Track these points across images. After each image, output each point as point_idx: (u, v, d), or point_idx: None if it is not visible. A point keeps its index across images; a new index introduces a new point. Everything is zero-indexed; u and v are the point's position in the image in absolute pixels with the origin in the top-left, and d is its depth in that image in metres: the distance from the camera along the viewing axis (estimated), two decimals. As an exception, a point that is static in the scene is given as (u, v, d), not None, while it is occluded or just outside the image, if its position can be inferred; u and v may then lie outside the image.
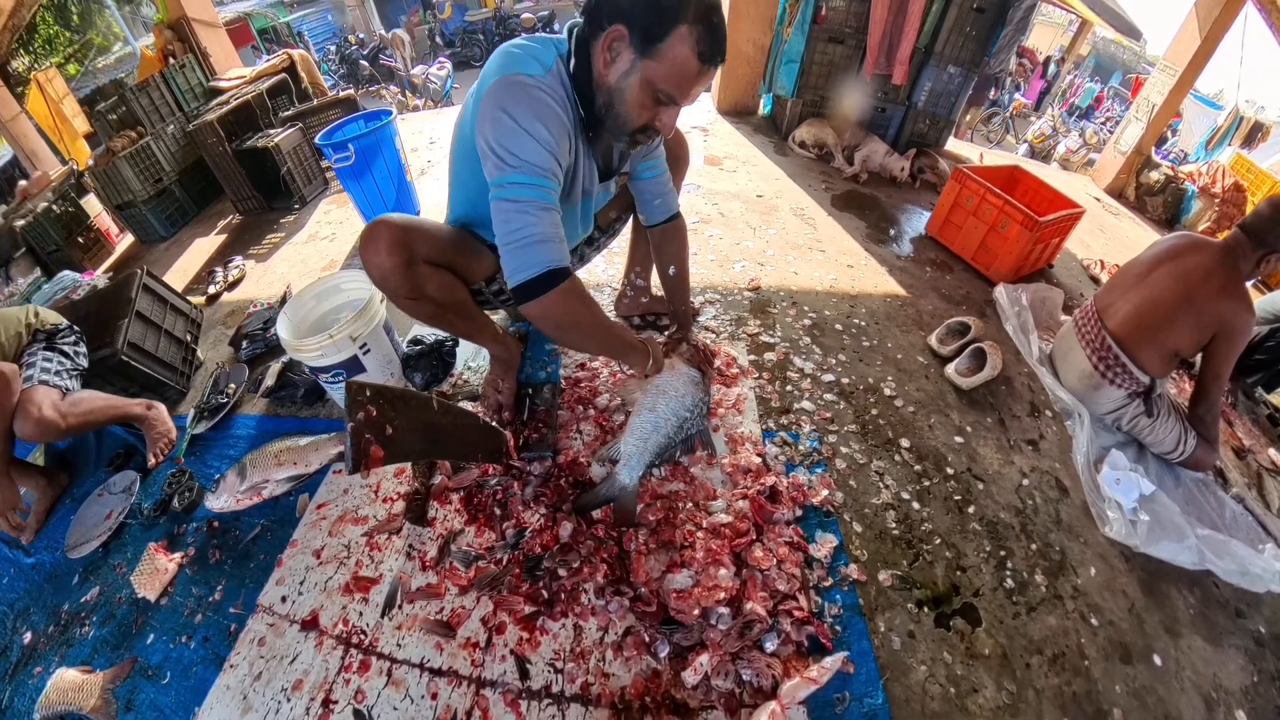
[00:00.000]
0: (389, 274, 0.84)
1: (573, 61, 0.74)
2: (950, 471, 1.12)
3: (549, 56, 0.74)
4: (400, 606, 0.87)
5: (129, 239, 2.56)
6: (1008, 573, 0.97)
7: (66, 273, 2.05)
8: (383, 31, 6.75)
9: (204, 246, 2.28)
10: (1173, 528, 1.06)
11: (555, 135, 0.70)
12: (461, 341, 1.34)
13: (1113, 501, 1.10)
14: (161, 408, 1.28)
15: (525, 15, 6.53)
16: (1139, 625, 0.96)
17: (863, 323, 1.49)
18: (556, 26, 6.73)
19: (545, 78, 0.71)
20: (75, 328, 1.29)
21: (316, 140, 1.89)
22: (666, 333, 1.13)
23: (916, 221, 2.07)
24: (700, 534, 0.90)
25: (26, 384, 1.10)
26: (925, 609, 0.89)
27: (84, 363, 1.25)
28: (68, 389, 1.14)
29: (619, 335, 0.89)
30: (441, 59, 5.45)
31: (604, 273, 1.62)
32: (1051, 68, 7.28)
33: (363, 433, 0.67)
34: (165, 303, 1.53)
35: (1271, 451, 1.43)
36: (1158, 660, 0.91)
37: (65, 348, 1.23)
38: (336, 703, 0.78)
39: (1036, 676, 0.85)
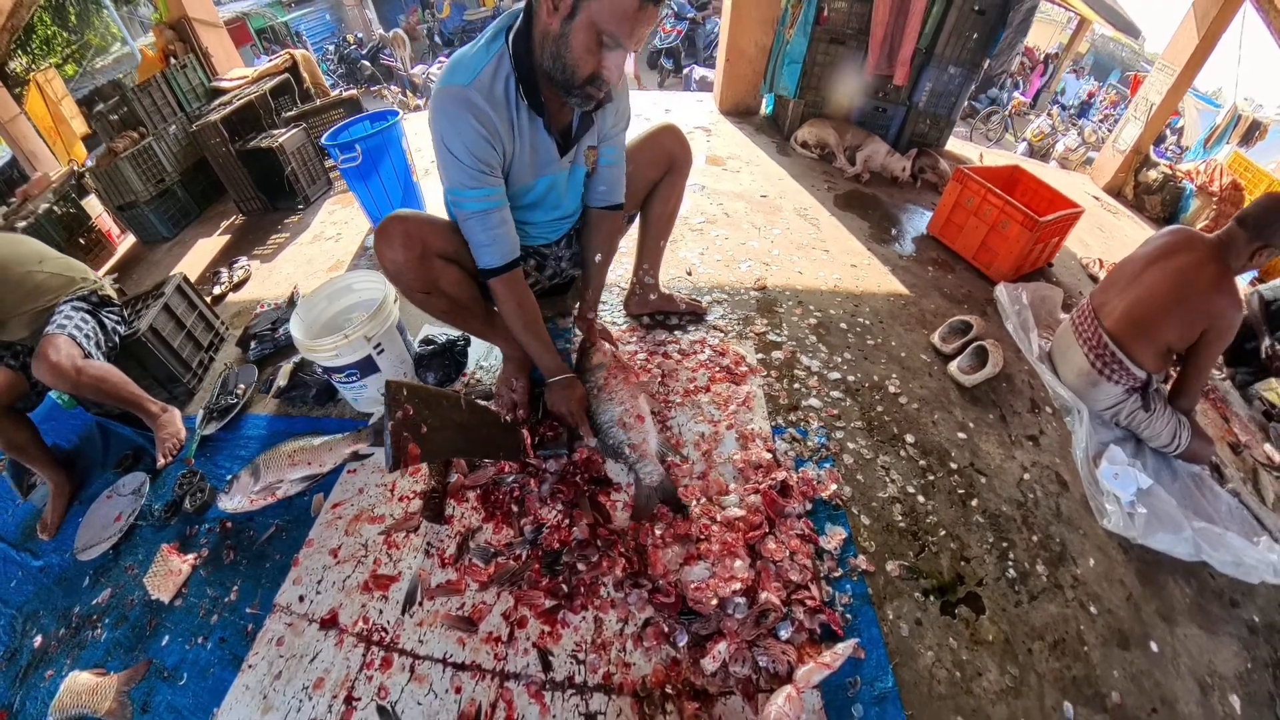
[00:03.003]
0: (403, 268, 0.87)
1: (515, 29, 0.77)
2: (954, 466, 1.15)
3: (483, 56, 0.77)
4: (421, 603, 0.88)
5: (130, 240, 2.56)
6: (1010, 563, 1.00)
7: (70, 274, 2.04)
8: (381, 31, 6.72)
9: (207, 247, 2.28)
10: (1169, 520, 1.09)
11: (471, 146, 0.78)
12: (473, 341, 1.35)
13: (1111, 495, 1.13)
14: (175, 412, 1.29)
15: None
16: (1136, 613, 0.99)
17: (867, 321, 1.51)
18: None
19: (471, 84, 0.76)
20: (123, 309, 1.32)
21: (323, 141, 1.89)
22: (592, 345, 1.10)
23: (918, 221, 2.09)
24: (715, 527, 0.93)
25: (54, 330, 1.11)
26: (931, 598, 0.92)
27: (116, 340, 1.27)
28: (89, 354, 1.15)
29: (538, 338, 0.96)
30: (442, 58, 5.44)
31: (612, 273, 1.64)
32: (1050, 65, 7.31)
33: (401, 431, 0.68)
34: (195, 308, 1.55)
35: (1267, 447, 1.47)
36: (1154, 647, 0.95)
37: (106, 320, 1.26)
38: (359, 700, 0.78)
39: (1038, 661, 0.88)
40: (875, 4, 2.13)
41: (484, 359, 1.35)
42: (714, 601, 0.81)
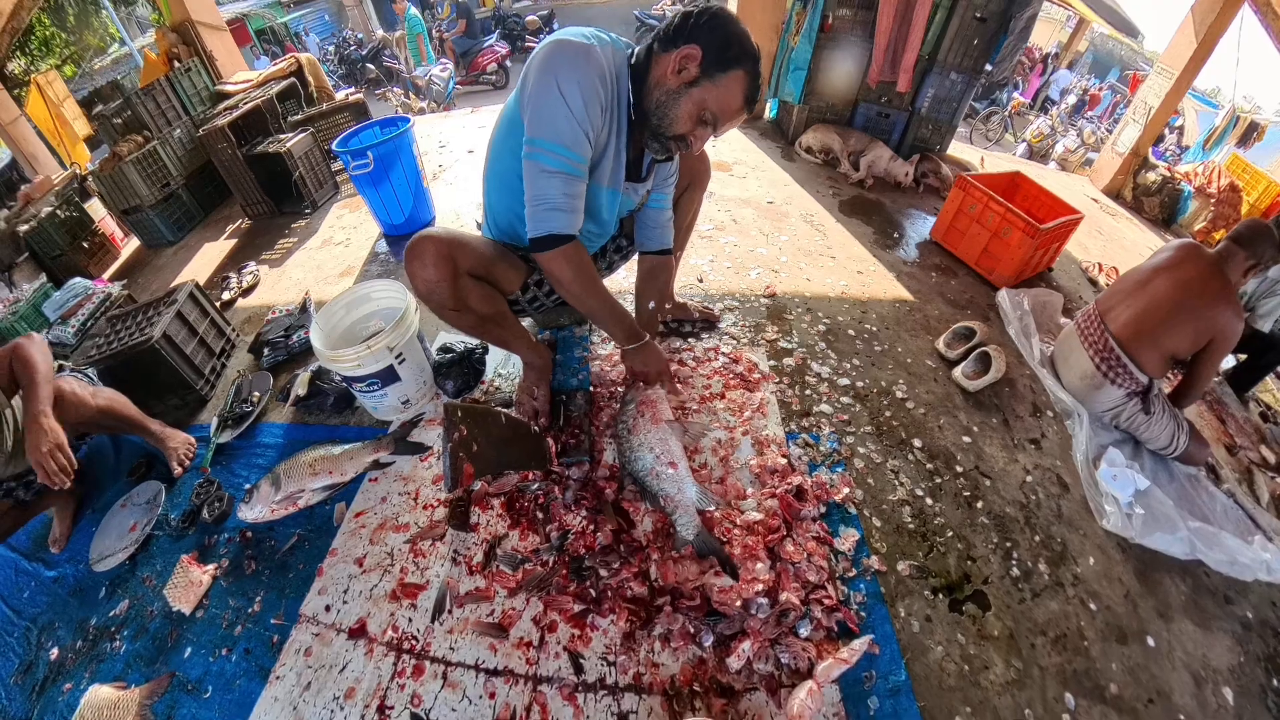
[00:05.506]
0: (435, 287, 0.88)
1: (635, 55, 0.83)
2: (959, 469, 1.18)
3: (605, 38, 0.82)
4: (450, 611, 0.89)
5: (134, 243, 2.55)
6: (1013, 562, 1.04)
7: (77, 280, 2.04)
8: (382, 32, 6.66)
9: (212, 251, 2.28)
10: (1166, 520, 1.13)
11: (588, 102, 0.76)
12: (491, 349, 1.37)
13: (1110, 496, 1.17)
14: (175, 430, 1.28)
15: (530, 19, 6.46)
16: (1134, 610, 1.03)
17: (874, 328, 1.54)
18: (556, 25, 6.67)
19: (594, 44, 0.78)
20: (68, 360, 1.31)
21: (333, 147, 1.90)
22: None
23: (921, 226, 2.12)
24: (736, 531, 0.96)
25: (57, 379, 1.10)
26: (940, 596, 0.96)
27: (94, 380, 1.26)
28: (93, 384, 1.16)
29: (606, 306, 0.94)
30: (443, 60, 5.40)
31: (625, 280, 1.66)
32: (1049, 65, 7.34)
33: (458, 452, 0.70)
34: (207, 315, 1.56)
35: (1262, 448, 1.51)
36: (1151, 641, 0.99)
37: (79, 374, 1.24)
38: (392, 708, 0.78)
39: (1041, 655, 0.92)
40: (879, 12, 2.16)
41: (502, 366, 1.36)
42: (737, 603, 0.85)
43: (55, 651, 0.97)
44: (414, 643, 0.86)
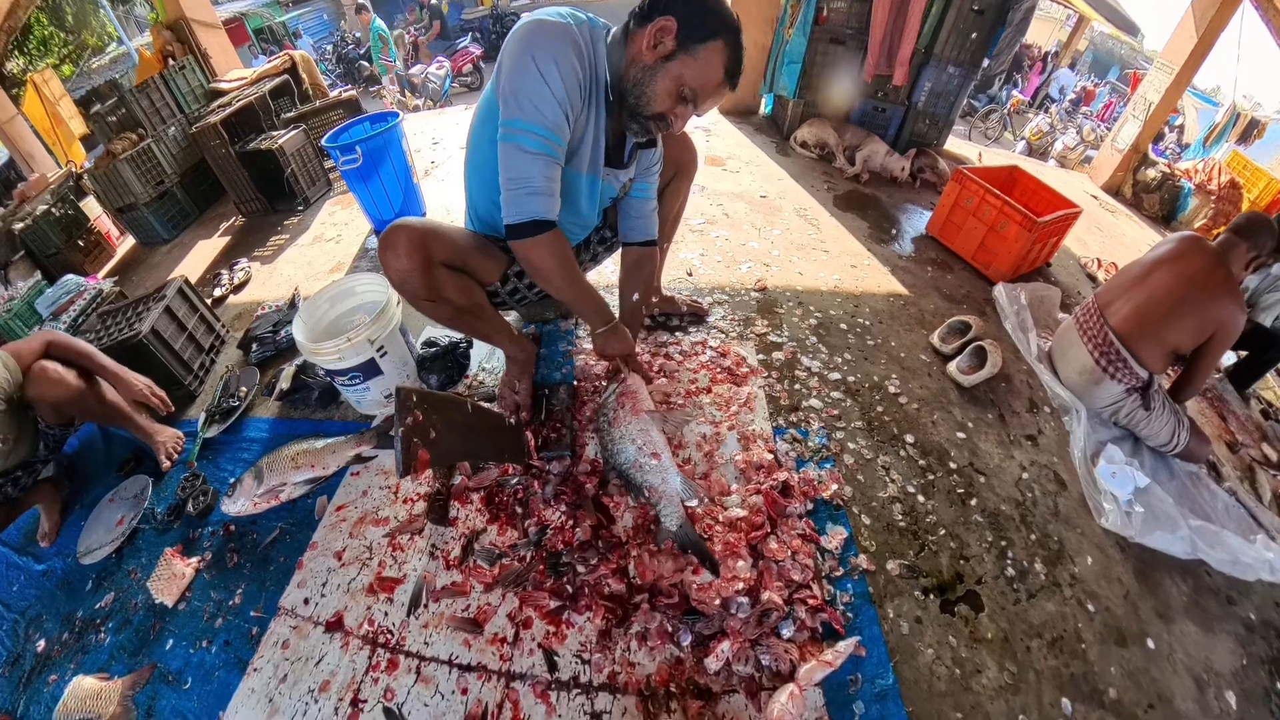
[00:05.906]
0: (408, 277, 0.87)
1: (611, 35, 0.81)
2: (953, 466, 1.16)
3: (582, 17, 0.79)
4: (426, 605, 0.89)
5: (130, 242, 2.55)
6: (1008, 562, 1.01)
7: (70, 277, 2.04)
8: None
9: (207, 249, 2.28)
10: (1166, 519, 1.10)
11: (567, 82, 0.74)
12: (476, 343, 1.36)
13: (1109, 494, 1.14)
14: (162, 425, 1.29)
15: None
16: (1133, 611, 1.00)
17: (867, 322, 1.52)
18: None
19: (571, 22, 0.76)
20: None
21: (323, 142, 1.89)
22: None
23: (917, 221, 2.10)
24: (718, 528, 0.94)
25: (45, 361, 1.10)
26: (931, 596, 0.93)
27: None
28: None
29: (585, 294, 0.94)
30: (440, 58, 5.42)
31: (613, 274, 1.64)
32: (1049, 63, 7.32)
33: (411, 437, 0.69)
34: (196, 310, 1.56)
35: (1264, 445, 1.48)
36: (1151, 644, 0.96)
37: None
38: (365, 702, 0.78)
39: (1036, 658, 0.89)
40: (874, 4, 2.14)
41: (486, 361, 1.35)
42: (717, 601, 0.82)
43: (42, 644, 0.98)
44: (389, 637, 0.86)
